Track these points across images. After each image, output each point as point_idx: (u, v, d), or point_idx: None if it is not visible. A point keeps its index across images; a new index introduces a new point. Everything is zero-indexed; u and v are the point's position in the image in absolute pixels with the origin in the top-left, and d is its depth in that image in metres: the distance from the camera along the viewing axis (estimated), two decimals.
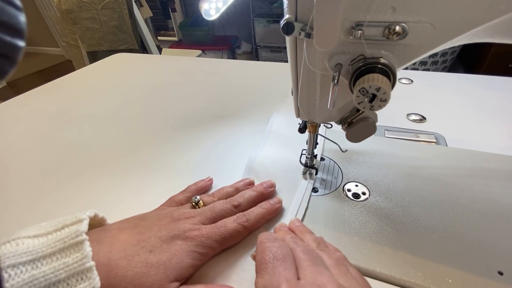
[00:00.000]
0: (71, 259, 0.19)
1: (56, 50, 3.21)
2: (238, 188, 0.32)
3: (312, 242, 0.24)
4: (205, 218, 0.26)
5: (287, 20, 0.21)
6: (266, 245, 0.22)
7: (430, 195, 0.31)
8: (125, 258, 0.21)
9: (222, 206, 0.28)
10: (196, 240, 0.24)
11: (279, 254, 0.21)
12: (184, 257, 0.23)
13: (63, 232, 0.21)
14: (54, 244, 0.20)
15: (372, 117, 0.26)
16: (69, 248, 0.20)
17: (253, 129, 0.46)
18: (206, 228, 0.25)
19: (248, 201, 0.29)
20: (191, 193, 0.31)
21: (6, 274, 0.18)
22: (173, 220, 0.25)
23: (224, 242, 0.25)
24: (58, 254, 0.19)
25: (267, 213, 0.29)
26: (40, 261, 0.19)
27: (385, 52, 0.20)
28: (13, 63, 0.12)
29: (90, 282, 0.19)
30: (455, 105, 0.50)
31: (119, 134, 0.48)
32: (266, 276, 0.19)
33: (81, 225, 0.21)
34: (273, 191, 0.32)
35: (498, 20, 0.17)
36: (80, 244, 0.20)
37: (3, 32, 0.11)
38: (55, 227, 0.21)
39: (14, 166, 0.42)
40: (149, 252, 0.22)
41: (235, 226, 0.26)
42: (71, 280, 0.19)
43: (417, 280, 0.24)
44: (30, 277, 0.18)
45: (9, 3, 0.11)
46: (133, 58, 0.87)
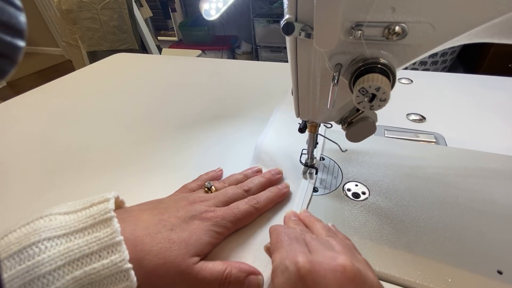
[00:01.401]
0: (102, 233, 0.21)
1: (56, 50, 3.21)
2: (247, 175, 0.34)
3: (321, 230, 0.25)
4: (218, 201, 0.28)
5: (287, 20, 0.21)
6: (280, 230, 0.24)
7: (429, 194, 0.31)
8: (149, 235, 0.23)
9: (234, 190, 0.30)
10: (212, 220, 0.26)
11: (293, 236, 0.22)
12: (202, 235, 0.24)
13: (92, 209, 0.22)
14: (85, 220, 0.21)
15: (372, 117, 0.26)
16: (99, 224, 0.21)
17: (253, 129, 0.46)
18: (220, 210, 0.27)
19: (258, 186, 0.31)
20: (202, 181, 0.33)
21: (42, 246, 0.19)
22: (189, 203, 0.27)
23: (237, 222, 0.27)
24: (89, 229, 0.21)
25: (275, 196, 0.31)
26: (73, 235, 0.21)
27: (385, 52, 0.20)
28: (13, 63, 0.12)
29: (120, 254, 0.20)
30: (454, 105, 0.50)
31: (119, 134, 0.48)
32: (282, 251, 0.21)
33: (109, 204, 0.22)
34: (281, 178, 0.34)
35: (498, 20, 0.17)
36: (109, 220, 0.21)
37: (3, 32, 0.11)
38: (83, 205, 0.23)
39: (14, 166, 0.42)
40: (170, 230, 0.24)
41: (247, 207, 0.28)
42: (102, 253, 0.20)
43: (417, 279, 0.24)
44: (66, 249, 0.20)
45: (9, 3, 0.11)
46: (133, 58, 0.87)
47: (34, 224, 0.21)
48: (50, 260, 0.19)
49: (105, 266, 0.20)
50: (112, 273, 0.20)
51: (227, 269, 0.23)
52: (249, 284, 0.23)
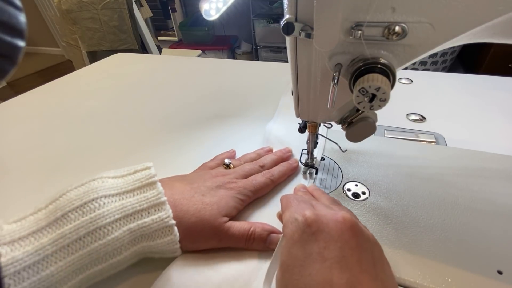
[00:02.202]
0: (149, 194, 0.24)
1: (56, 50, 3.21)
2: (260, 153, 0.37)
3: (327, 201, 0.27)
4: (238, 175, 0.31)
5: (287, 20, 0.21)
6: (289, 196, 0.26)
7: (429, 194, 0.31)
8: (184, 198, 0.26)
9: (250, 166, 0.33)
10: (236, 189, 0.29)
11: (301, 199, 0.25)
12: (229, 200, 0.28)
13: (137, 175, 0.25)
14: (133, 182, 0.25)
15: (372, 117, 0.26)
16: (146, 186, 0.25)
17: (253, 128, 0.46)
18: (241, 181, 0.30)
19: (271, 163, 0.35)
20: (220, 160, 0.36)
21: (101, 202, 0.22)
22: (212, 176, 0.30)
23: (256, 192, 0.31)
24: (138, 190, 0.24)
25: (287, 170, 0.34)
26: (125, 194, 0.24)
27: (385, 52, 0.20)
28: (13, 63, 0.12)
29: (165, 212, 0.24)
30: (454, 105, 0.50)
31: (119, 134, 0.48)
32: (291, 209, 0.23)
33: (151, 170, 0.26)
34: (291, 155, 0.38)
35: (498, 20, 0.17)
36: (154, 184, 0.25)
37: (3, 32, 0.11)
38: (127, 172, 0.26)
39: (14, 166, 0.42)
40: (202, 195, 0.27)
41: (264, 179, 0.31)
42: (151, 210, 0.24)
43: (417, 279, 0.24)
44: (121, 205, 0.23)
45: (9, 3, 0.11)
46: (133, 58, 0.87)
47: (89, 184, 0.23)
48: (109, 214, 0.22)
49: (154, 221, 0.23)
50: (160, 228, 0.23)
51: (252, 227, 0.27)
52: (271, 241, 0.27)
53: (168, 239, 0.24)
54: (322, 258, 0.19)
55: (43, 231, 0.21)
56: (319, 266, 0.19)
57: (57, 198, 0.23)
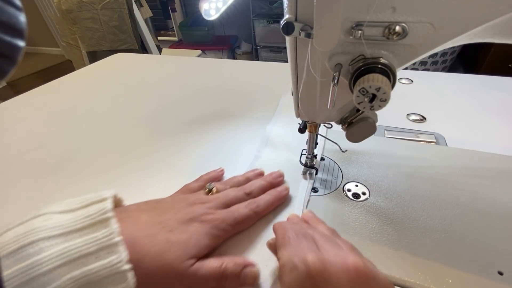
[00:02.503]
0: (100, 234, 0.21)
1: (56, 50, 3.21)
2: (249, 177, 0.34)
3: (326, 231, 0.25)
4: (219, 203, 0.28)
5: (287, 20, 0.21)
6: (286, 226, 0.23)
7: (430, 195, 0.31)
8: (147, 236, 0.23)
9: (235, 193, 0.30)
10: (212, 223, 0.26)
11: (300, 233, 0.22)
12: (201, 238, 0.24)
13: (90, 209, 0.22)
14: (82, 220, 0.21)
15: (372, 117, 0.26)
16: (97, 224, 0.21)
17: (253, 128, 0.46)
18: (220, 213, 0.27)
19: (258, 190, 0.31)
20: (203, 181, 0.33)
21: (41, 245, 0.19)
22: (189, 205, 0.27)
23: (237, 226, 0.27)
24: (87, 229, 0.21)
25: (275, 199, 0.31)
26: (71, 235, 0.20)
27: (385, 52, 0.20)
28: (13, 63, 0.12)
29: (118, 255, 0.20)
30: (455, 105, 0.50)
31: (119, 134, 0.48)
32: (290, 248, 0.21)
33: (107, 203, 0.22)
34: (282, 181, 0.34)
35: (498, 20, 0.17)
36: (107, 220, 0.21)
37: (3, 32, 0.11)
38: (81, 204, 0.22)
39: (14, 166, 0.42)
40: (169, 232, 0.24)
41: (247, 211, 0.28)
42: (100, 253, 0.20)
43: (417, 280, 0.24)
44: (64, 249, 0.19)
45: (9, 3, 0.11)
46: (133, 58, 0.87)
47: (31, 222, 0.20)
48: (48, 260, 0.19)
49: (103, 267, 0.20)
50: (111, 274, 0.20)
51: (223, 264, 0.24)
52: (245, 277, 0.24)
53: (121, 287, 0.20)
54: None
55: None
56: None
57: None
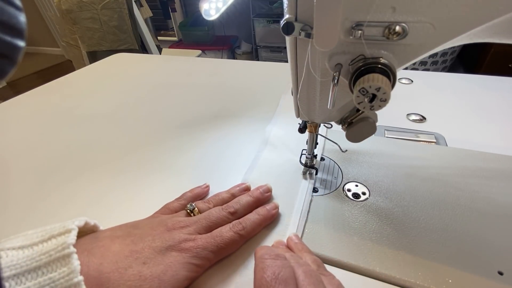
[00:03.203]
0: (58, 273, 0.18)
1: (56, 50, 3.21)
2: (234, 194, 0.31)
3: (312, 263, 0.23)
4: (200, 227, 0.25)
5: (287, 20, 0.21)
6: (267, 262, 0.20)
7: (430, 195, 0.31)
8: (117, 270, 0.20)
9: (218, 213, 0.27)
10: (192, 251, 0.23)
11: (282, 276, 0.19)
12: (179, 269, 0.22)
13: (50, 243, 0.19)
14: (39, 257, 0.19)
15: (372, 117, 0.26)
16: (55, 261, 0.19)
17: (253, 128, 0.46)
18: (201, 239, 0.24)
19: (244, 207, 0.29)
20: (186, 200, 0.31)
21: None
22: (167, 230, 0.25)
23: (220, 252, 0.25)
24: (44, 268, 0.18)
25: (263, 219, 0.28)
26: (24, 276, 0.18)
27: (385, 52, 0.20)
28: (13, 63, 0.12)
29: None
30: (455, 105, 0.50)
31: (119, 134, 0.48)
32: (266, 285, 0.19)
33: (69, 237, 0.20)
34: (269, 196, 0.32)
35: (498, 20, 0.17)
36: (67, 257, 0.19)
37: (3, 32, 0.11)
38: (41, 238, 0.20)
39: (14, 166, 0.42)
40: (143, 264, 0.21)
41: (231, 235, 0.25)
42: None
43: (417, 280, 0.24)
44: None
45: (9, 3, 0.11)
46: (133, 58, 0.87)
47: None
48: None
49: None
50: None
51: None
52: None
53: None
54: None
55: None
56: None
57: None
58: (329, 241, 0.27)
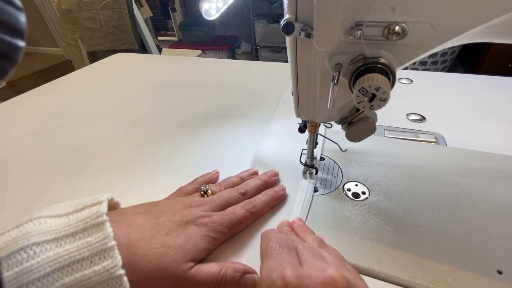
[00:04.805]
0: (93, 238, 0.20)
1: (56, 50, 3.21)
2: (243, 177, 0.33)
3: (312, 241, 0.25)
4: (214, 205, 0.28)
5: (287, 20, 0.21)
6: (271, 235, 0.23)
7: (429, 194, 0.31)
8: (144, 239, 0.22)
9: (230, 194, 0.29)
10: (208, 226, 0.25)
11: (284, 243, 0.22)
12: (198, 241, 0.24)
13: (84, 213, 0.21)
14: (76, 224, 0.21)
15: (372, 116, 0.26)
16: (91, 228, 0.21)
17: (253, 128, 0.46)
18: (216, 215, 0.27)
19: (254, 189, 0.31)
20: (199, 184, 0.33)
21: (31, 252, 0.19)
22: (185, 207, 0.27)
23: (234, 227, 0.27)
24: (81, 234, 0.20)
25: (272, 199, 0.30)
26: (64, 240, 0.20)
27: (385, 52, 0.20)
28: (13, 63, 0.12)
29: (112, 260, 0.20)
30: (454, 105, 0.50)
31: (119, 134, 0.48)
32: (271, 261, 0.20)
33: (101, 207, 0.22)
34: (277, 180, 0.34)
35: (497, 20, 0.17)
36: (101, 224, 0.21)
37: (3, 32, 0.11)
38: (75, 208, 0.22)
39: (15, 166, 0.42)
40: (166, 235, 0.23)
41: (243, 212, 0.28)
42: (94, 258, 0.20)
43: (417, 279, 0.24)
44: (55, 255, 0.19)
45: (9, 3, 0.11)
46: (133, 58, 0.87)
47: (22, 227, 0.20)
48: (39, 266, 0.18)
49: (96, 273, 0.19)
50: (104, 280, 0.19)
51: (222, 270, 0.23)
52: (245, 283, 0.23)
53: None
54: None
55: None
56: None
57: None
58: (329, 241, 0.27)
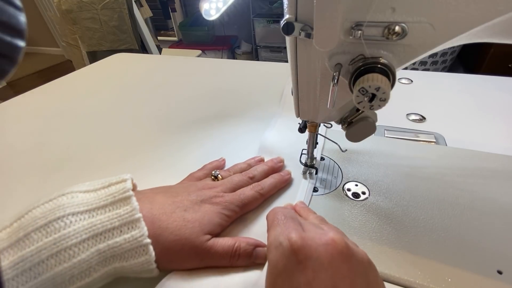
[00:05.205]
0: (122, 210, 0.22)
1: (56, 50, 3.21)
2: (250, 164, 0.35)
3: (314, 219, 0.26)
4: (225, 188, 0.29)
5: (287, 20, 0.21)
6: (277, 209, 0.25)
7: (429, 194, 0.31)
8: (164, 213, 0.25)
9: (239, 178, 0.31)
10: (222, 204, 0.27)
11: (289, 215, 0.23)
12: (214, 217, 0.26)
13: (111, 189, 0.24)
14: (105, 198, 0.23)
15: (371, 116, 0.26)
16: (119, 202, 0.23)
17: (253, 128, 0.46)
18: (228, 196, 0.28)
19: (261, 174, 0.33)
20: (208, 170, 0.34)
21: (67, 221, 0.21)
22: (198, 189, 0.29)
23: (244, 207, 0.29)
24: (110, 207, 0.23)
25: (278, 182, 0.32)
26: (95, 211, 0.22)
27: (385, 52, 0.20)
28: (13, 63, 0.12)
29: (139, 230, 0.22)
30: (454, 105, 0.50)
31: (119, 134, 0.48)
32: (277, 228, 0.22)
33: (126, 183, 0.24)
34: (282, 166, 0.36)
35: (497, 20, 0.17)
36: (128, 199, 0.23)
37: (3, 32, 0.11)
38: (102, 185, 0.24)
39: (14, 166, 0.42)
40: (184, 211, 0.25)
41: (252, 193, 0.29)
42: (123, 228, 0.22)
43: (417, 279, 0.24)
44: (89, 224, 0.21)
45: (9, 3, 0.11)
46: (133, 58, 0.87)
47: (57, 200, 0.22)
48: (76, 234, 0.21)
49: (126, 240, 0.22)
50: (133, 247, 0.22)
51: (236, 243, 0.25)
52: (257, 255, 0.25)
53: (143, 259, 0.22)
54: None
55: (4, 253, 0.19)
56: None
57: (22, 215, 0.21)
58: None
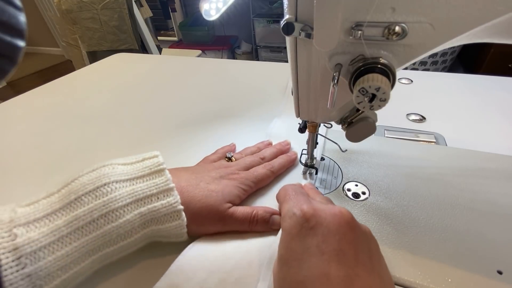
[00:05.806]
0: (158, 180, 0.26)
1: (56, 50, 3.21)
2: (260, 147, 0.39)
3: (322, 200, 0.28)
4: (239, 167, 0.32)
5: (287, 20, 0.21)
6: (287, 186, 0.28)
7: (429, 194, 0.31)
8: (191, 185, 0.28)
9: (251, 158, 0.34)
10: (238, 180, 0.30)
11: (299, 191, 0.26)
12: (233, 189, 0.29)
13: (145, 162, 0.27)
14: (142, 169, 0.26)
15: (372, 117, 0.26)
16: (154, 173, 0.26)
17: (253, 128, 0.46)
18: (243, 173, 0.32)
19: (270, 155, 0.36)
20: (221, 154, 0.37)
21: (113, 187, 0.24)
22: (215, 168, 0.32)
23: (258, 183, 0.32)
24: (147, 177, 0.26)
25: (287, 161, 0.36)
26: (135, 180, 0.25)
27: (385, 52, 0.20)
28: (13, 63, 0.12)
29: (174, 197, 0.25)
30: (454, 105, 0.50)
31: (119, 134, 0.48)
32: (290, 202, 0.25)
33: (159, 158, 0.27)
34: (289, 148, 0.39)
35: (497, 21, 0.17)
36: (162, 171, 0.26)
37: (3, 32, 0.11)
38: (136, 160, 0.27)
39: (14, 166, 0.42)
40: (207, 184, 0.29)
41: (264, 171, 0.33)
42: (160, 195, 0.25)
43: (417, 279, 0.24)
44: (131, 190, 0.24)
45: (9, 3, 0.11)
46: (133, 58, 0.87)
47: (100, 170, 0.24)
48: (121, 198, 0.23)
49: (163, 206, 0.25)
50: (169, 212, 0.25)
51: (254, 210, 0.28)
52: (273, 221, 0.28)
53: (176, 223, 0.25)
54: (320, 251, 0.20)
55: (57, 213, 0.22)
56: (317, 259, 0.20)
57: (69, 182, 0.24)
58: None
